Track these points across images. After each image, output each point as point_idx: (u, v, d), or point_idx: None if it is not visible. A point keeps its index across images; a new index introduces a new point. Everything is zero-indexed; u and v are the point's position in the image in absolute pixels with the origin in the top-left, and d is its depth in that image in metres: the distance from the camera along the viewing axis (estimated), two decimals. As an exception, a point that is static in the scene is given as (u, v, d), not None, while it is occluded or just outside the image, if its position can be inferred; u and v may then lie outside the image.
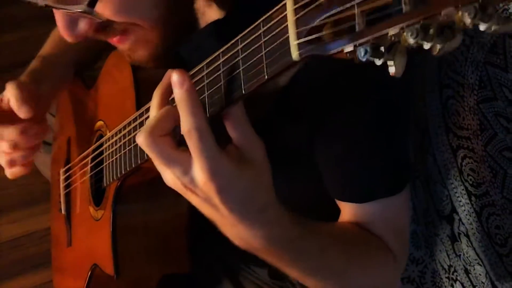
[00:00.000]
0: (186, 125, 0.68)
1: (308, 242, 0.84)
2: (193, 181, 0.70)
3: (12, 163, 1.19)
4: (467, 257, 1.24)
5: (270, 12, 0.65)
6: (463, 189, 1.21)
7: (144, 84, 1.00)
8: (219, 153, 0.69)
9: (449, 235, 1.29)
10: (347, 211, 1.01)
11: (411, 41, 0.50)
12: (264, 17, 0.66)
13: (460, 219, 1.24)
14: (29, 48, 1.38)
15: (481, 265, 1.20)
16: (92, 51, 1.40)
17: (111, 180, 1.04)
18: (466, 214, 1.21)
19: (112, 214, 1.03)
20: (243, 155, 0.73)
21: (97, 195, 1.17)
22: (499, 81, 1.04)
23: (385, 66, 0.55)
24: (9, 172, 1.21)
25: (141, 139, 0.70)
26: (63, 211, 1.34)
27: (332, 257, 0.90)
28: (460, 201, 1.22)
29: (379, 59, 0.54)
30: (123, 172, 0.97)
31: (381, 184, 1.00)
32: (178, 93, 0.69)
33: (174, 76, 0.70)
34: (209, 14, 1.06)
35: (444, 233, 1.31)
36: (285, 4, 0.62)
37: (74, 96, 1.36)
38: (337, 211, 1.04)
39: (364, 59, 0.54)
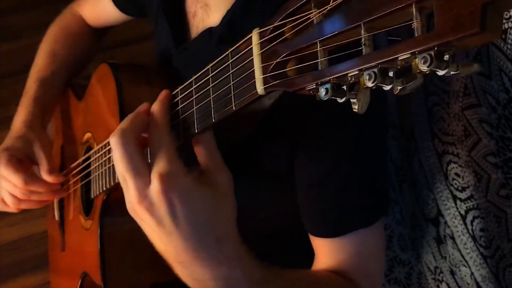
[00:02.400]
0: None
1: (271, 284, 0.77)
2: (150, 195, 0.66)
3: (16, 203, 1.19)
4: (452, 259, 1.23)
5: (238, 44, 0.63)
6: (448, 193, 1.19)
7: (128, 102, 0.98)
8: (177, 159, 0.66)
9: (435, 238, 1.28)
10: (320, 250, 0.94)
11: (369, 84, 0.48)
12: (232, 48, 0.64)
13: (445, 222, 1.22)
14: (28, 56, 1.38)
15: (466, 267, 1.19)
16: (79, 62, 1.41)
17: (98, 193, 1.02)
18: (452, 217, 1.20)
19: (100, 227, 1.02)
20: (206, 178, 0.69)
21: (88, 204, 1.15)
22: (483, 88, 1.02)
23: (348, 103, 0.53)
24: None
25: (114, 139, 0.68)
26: (56, 218, 1.33)
27: None
28: (446, 204, 1.21)
29: (341, 98, 0.52)
30: (108, 186, 0.96)
31: (357, 213, 0.93)
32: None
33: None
34: (202, 17, 1.03)
35: (430, 235, 1.29)
36: (251, 37, 0.60)
37: (65, 106, 1.35)
38: None
39: (325, 98, 0.52)
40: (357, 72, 0.49)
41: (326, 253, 0.93)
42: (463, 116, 1.09)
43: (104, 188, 0.98)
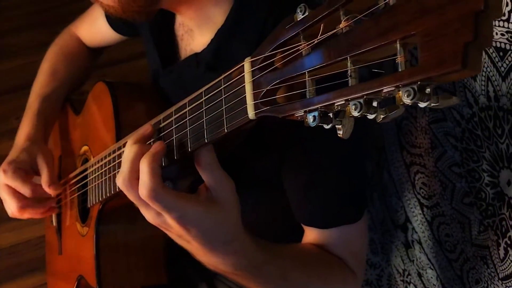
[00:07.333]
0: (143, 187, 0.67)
1: (271, 265, 0.82)
2: (166, 222, 0.70)
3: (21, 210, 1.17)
4: (419, 262, 1.23)
5: (231, 71, 0.61)
6: (416, 201, 1.19)
7: (123, 118, 0.97)
8: (184, 201, 0.68)
9: (403, 242, 1.27)
10: (310, 234, 0.98)
11: (355, 113, 0.47)
12: (225, 74, 0.62)
13: (413, 228, 1.22)
14: (25, 74, 1.39)
15: (432, 269, 1.19)
16: (77, 80, 1.39)
17: (94, 202, 1.01)
18: (419, 224, 1.20)
19: (95, 234, 1.01)
20: (212, 196, 0.71)
21: (84, 212, 1.14)
22: (448, 104, 1.02)
23: (333, 129, 0.52)
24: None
25: (120, 182, 0.70)
26: (54, 223, 1.31)
27: (294, 277, 0.87)
28: (413, 211, 1.21)
29: (327, 125, 0.52)
30: (103, 197, 0.95)
31: (343, 212, 0.96)
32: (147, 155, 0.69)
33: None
34: (188, 40, 1.02)
35: (399, 240, 1.29)
36: (243, 66, 0.59)
37: (64, 120, 1.34)
38: (301, 230, 1.00)
39: (313, 125, 0.52)
40: (343, 102, 0.48)
41: (316, 237, 0.97)
42: (430, 129, 1.09)
43: (100, 199, 0.97)
